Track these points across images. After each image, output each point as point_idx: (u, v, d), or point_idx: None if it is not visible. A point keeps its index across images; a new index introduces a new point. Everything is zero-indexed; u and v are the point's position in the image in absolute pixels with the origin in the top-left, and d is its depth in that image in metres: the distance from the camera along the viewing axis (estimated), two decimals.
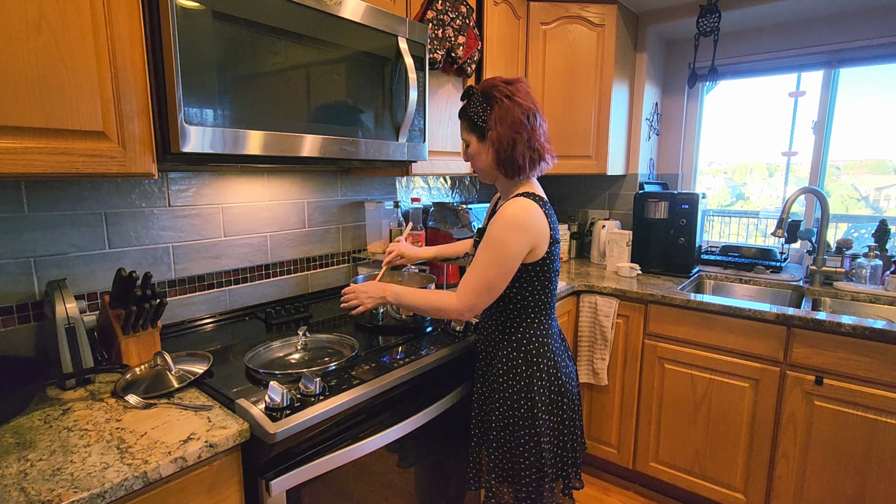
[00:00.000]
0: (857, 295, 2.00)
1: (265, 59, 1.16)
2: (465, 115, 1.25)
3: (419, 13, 1.68)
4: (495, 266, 1.16)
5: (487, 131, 1.21)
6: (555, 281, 1.27)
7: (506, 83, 1.21)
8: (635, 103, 2.57)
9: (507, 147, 1.19)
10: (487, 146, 1.23)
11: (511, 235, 1.15)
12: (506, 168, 1.22)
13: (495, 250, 1.15)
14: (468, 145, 1.27)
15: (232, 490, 0.98)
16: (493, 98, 1.20)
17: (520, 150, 1.20)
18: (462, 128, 1.28)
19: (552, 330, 1.29)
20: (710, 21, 2.24)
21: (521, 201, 1.18)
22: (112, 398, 1.07)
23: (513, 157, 1.20)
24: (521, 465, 1.22)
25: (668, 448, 2.07)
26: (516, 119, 1.19)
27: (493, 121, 1.19)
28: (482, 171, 1.28)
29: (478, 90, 1.23)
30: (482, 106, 1.21)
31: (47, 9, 0.88)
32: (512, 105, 1.19)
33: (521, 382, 1.23)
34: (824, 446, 1.72)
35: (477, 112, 1.22)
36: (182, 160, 1.14)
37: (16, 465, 0.83)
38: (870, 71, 2.27)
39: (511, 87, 1.21)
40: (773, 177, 2.77)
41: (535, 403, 1.22)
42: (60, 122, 0.91)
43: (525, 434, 1.22)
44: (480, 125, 1.22)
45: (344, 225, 1.98)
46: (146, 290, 1.18)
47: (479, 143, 1.24)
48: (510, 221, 1.15)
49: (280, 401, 1.00)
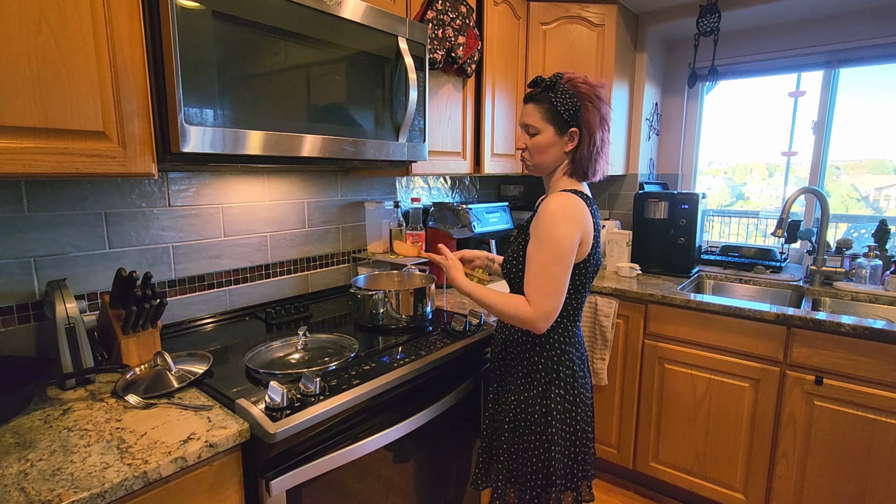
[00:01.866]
0: (857, 295, 2.00)
1: (265, 59, 1.16)
2: (547, 101, 1.16)
3: (419, 13, 1.68)
4: (556, 262, 1.10)
5: (570, 127, 1.16)
6: (588, 286, 1.24)
7: (591, 83, 1.17)
8: (635, 103, 2.57)
9: (595, 150, 1.17)
10: (565, 142, 1.18)
11: (562, 227, 1.10)
12: (579, 168, 1.19)
13: (551, 245, 1.10)
14: (535, 134, 1.19)
15: (232, 490, 0.98)
16: (583, 95, 1.15)
17: (602, 157, 1.19)
18: (535, 115, 1.18)
19: (576, 338, 1.26)
20: (710, 21, 2.24)
21: (564, 195, 1.15)
22: (112, 398, 1.07)
23: (595, 162, 1.18)
24: (529, 469, 1.21)
25: (668, 448, 2.07)
26: (607, 123, 1.18)
27: (588, 118, 1.15)
28: (543, 163, 1.22)
29: (563, 81, 1.17)
30: (571, 99, 1.15)
31: (47, 9, 0.88)
32: (604, 108, 1.17)
33: (538, 388, 1.21)
34: (824, 446, 1.72)
35: (564, 103, 1.15)
36: (182, 160, 1.14)
37: (16, 465, 0.83)
38: (870, 71, 2.27)
39: (599, 90, 1.18)
40: (773, 177, 2.77)
41: (550, 410, 1.20)
42: (60, 122, 0.91)
43: (536, 440, 1.20)
44: (566, 118, 1.15)
45: (344, 225, 1.98)
46: (146, 290, 1.18)
47: (556, 136, 1.17)
48: (558, 213, 1.11)
49: (280, 401, 1.00)
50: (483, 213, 2.18)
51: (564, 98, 1.15)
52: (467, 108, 1.96)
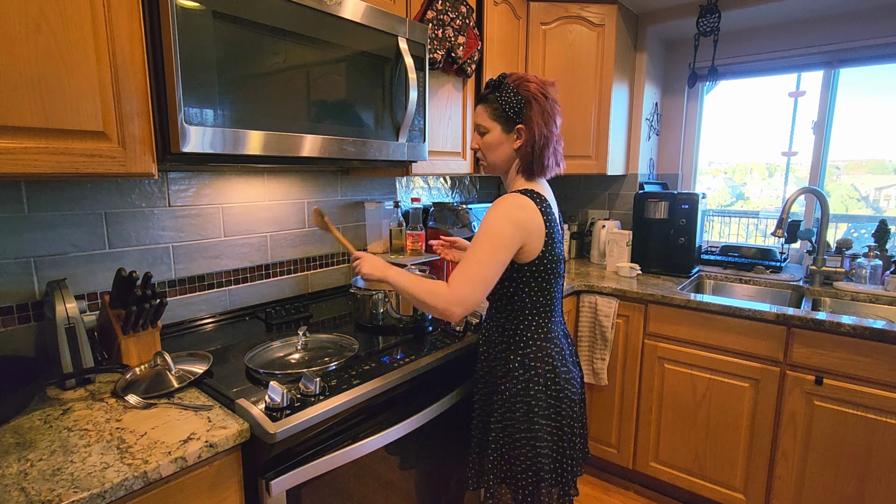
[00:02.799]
0: (856, 295, 2.00)
1: (265, 59, 1.16)
2: (494, 101, 1.20)
3: (419, 13, 1.68)
4: (488, 255, 1.12)
5: (517, 124, 1.19)
6: (556, 284, 1.25)
7: (541, 82, 1.20)
8: (635, 103, 2.57)
9: (540, 145, 1.19)
10: (512, 139, 1.20)
11: (499, 224, 1.13)
12: (528, 165, 1.21)
13: (487, 239, 1.12)
14: (485, 133, 1.23)
15: (232, 490, 0.98)
16: (529, 92, 1.18)
17: (548, 152, 1.20)
18: (483, 115, 1.23)
19: (552, 334, 1.26)
20: (710, 21, 2.24)
21: (515, 196, 1.17)
22: (112, 398, 1.07)
23: (541, 157, 1.20)
24: (518, 467, 1.22)
25: (668, 448, 2.07)
26: (553, 119, 1.20)
27: (531, 115, 1.17)
28: (495, 163, 1.25)
29: (510, 81, 1.20)
30: (517, 97, 1.18)
31: (47, 9, 0.88)
32: (549, 105, 1.19)
33: (518, 386, 1.22)
34: (824, 446, 1.72)
35: (509, 101, 1.18)
36: (182, 160, 1.14)
37: (16, 465, 0.83)
38: (870, 71, 2.27)
39: (548, 88, 1.20)
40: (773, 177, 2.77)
41: (532, 408, 1.21)
42: (60, 122, 0.91)
43: (523, 437, 1.21)
44: (511, 116, 1.19)
45: (344, 225, 1.98)
46: (146, 290, 1.18)
47: (502, 134, 1.21)
48: (499, 211, 1.14)
49: (280, 401, 1.00)
50: (483, 212, 2.18)
51: (509, 97, 1.18)
52: (467, 108, 1.96)
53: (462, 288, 1.11)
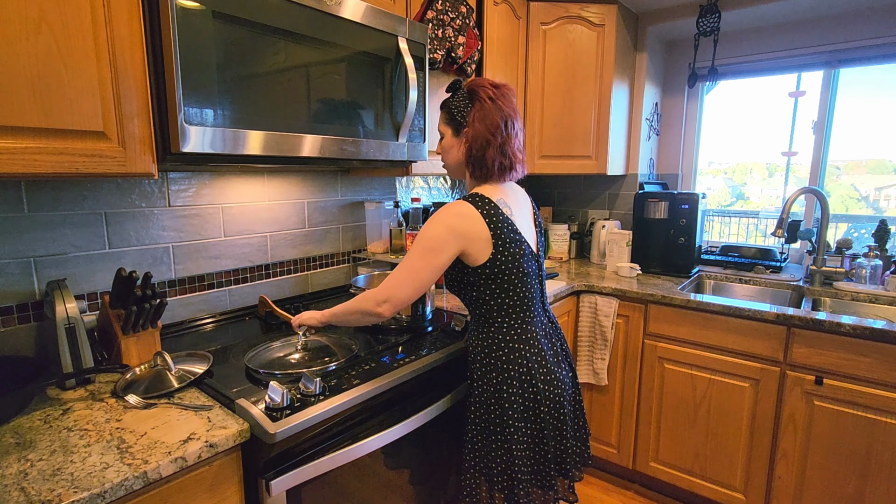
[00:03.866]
0: (857, 295, 2.00)
1: (265, 59, 1.16)
2: (447, 106, 1.25)
3: (419, 13, 1.68)
4: (417, 258, 1.14)
5: (464, 127, 1.21)
6: (524, 285, 1.22)
7: (493, 85, 1.22)
8: (635, 103, 2.57)
9: (479, 147, 1.19)
10: (461, 142, 1.23)
11: (433, 230, 1.14)
12: (473, 168, 1.22)
13: (419, 243, 1.15)
14: (442, 137, 1.28)
15: (232, 490, 0.98)
16: (476, 96, 1.20)
17: (491, 154, 1.19)
18: (440, 119, 1.28)
19: (528, 335, 1.23)
20: (710, 21, 2.24)
21: (457, 203, 1.18)
22: (112, 398, 1.07)
23: (482, 159, 1.20)
24: (493, 469, 1.22)
25: (668, 448, 2.07)
26: (494, 122, 1.19)
27: (471, 118, 1.20)
28: (451, 166, 1.29)
29: (465, 86, 1.24)
30: (465, 101, 1.22)
31: (47, 9, 0.88)
32: (493, 107, 1.19)
33: (492, 388, 1.22)
34: (824, 446, 1.72)
35: (458, 106, 1.22)
36: (182, 160, 1.14)
37: (16, 465, 0.83)
38: (870, 71, 2.27)
39: (496, 91, 1.21)
40: (773, 177, 2.77)
41: (506, 410, 1.19)
42: (60, 122, 0.91)
43: (497, 439, 1.21)
44: (458, 119, 1.22)
45: (344, 225, 1.98)
46: (146, 290, 1.18)
47: (453, 137, 1.25)
48: (437, 219, 1.15)
49: (280, 401, 1.00)
50: None
51: (459, 99, 1.22)
52: None
53: (387, 286, 1.16)
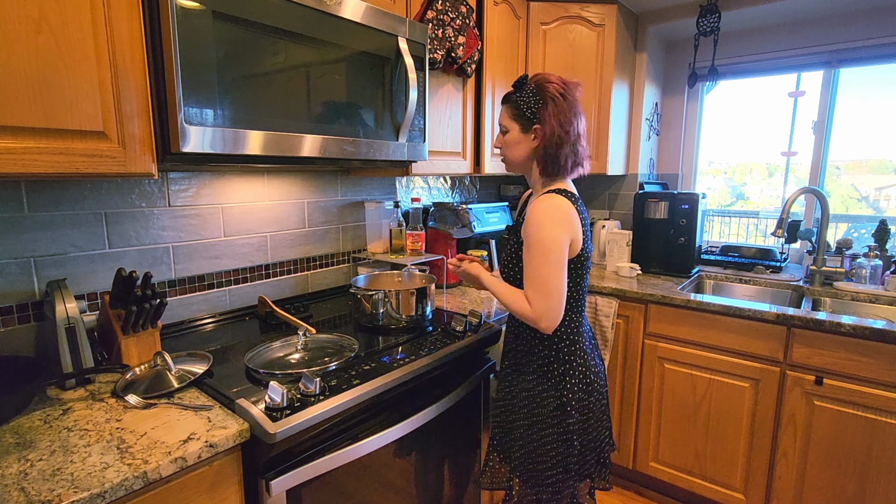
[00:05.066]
0: (857, 295, 2.00)
1: (265, 59, 1.16)
2: (514, 102, 1.25)
3: (419, 13, 1.68)
4: (545, 264, 1.15)
5: (534, 124, 1.22)
6: (586, 279, 1.29)
7: (562, 81, 1.23)
8: (635, 103, 2.57)
9: (554, 145, 1.21)
10: (530, 138, 1.24)
11: (548, 230, 1.16)
12: (545, 164, 1.24)
13: (539, 249, 1.16)
14: (505, 132, 1.28)
15: (232, 490, 0.98)
16: (546, 92, 1.21)
17: (565, 151, 1.22)
18: (504, 114, 1.28)
19: (583, 328, 1.30)
20: (710, 21, 2.24)
21: (550, 197, 1.20)
22: (112, 398, 1.07)
23: (556, 157, 1.22)
24: (546, 464, 1.23)
25: (668, 448, 2.07)
26: (568, 119, 1.22)
27: (545, 115, 1.20)
28: (515, 161, 1.29)
29: (531, 82, 1.24)
30: (534, 97, 1.21)
31: (47, 9, 0.88)
32: (566, 105, 1.21)
33: (552, 380, 1.24)
34: (824, 446, 1.72)
35: (528, 102, 1.22)
36: (182, 160, 1.14)
37: (16, 465, 0.83)
38: (870, 71, 2.27)
39: (566, 87, 1.22)
40: (773, 177, 2.77)
41: (567, 402, 1.23)
42: (60, 122, 0.91)
43: (553, 433, 1.23)
44: (528, 116, 1.22)
45: (344, 225, 1.98)
46: (146, 290, 1.18)
47: (521, 133, 1.25)
48: (544, 217, 1.17)
49: (280, 401, 1.00)
50: (483, 213, 2.18)
51: (528, 97, 1.22)
52: (467, 108, 1.96)
53: (538, 304, 1.16)
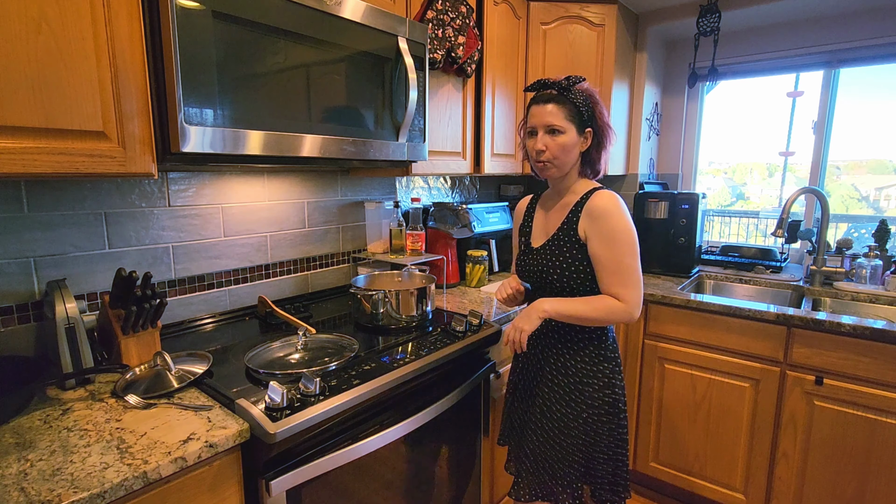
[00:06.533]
0: (857, 295, 2.00)
1: (265, 58, 1.16)
2: (570, 102, 1.21)
3: (419, 13, 1.68)
4: (630, 255, 1.18)
5: (587, 126, 1.23)
6: None
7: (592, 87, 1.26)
8: (635, 103, 2.57)
9: (602, 147, 1.26)
10: (582, 140, 1.24)
11: (625, 221, 1.19)
12: (587, 166, 1.27)
13: (624, 240, 1.17)
14: (559, 133, 1.21)
15: (232, 490, 0.98)
16: (592, 96, 1.23)
17: (605, 155, 1.27)
18: (558, 114, 1.21)
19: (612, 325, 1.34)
20: (710, 21, 2.24)
21: (607, 192, 1.22)
22: (112, 398, 1.07)
23: (598, 159, 1.27)
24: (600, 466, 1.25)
25: (668, 448, 2.07)
26: (608, 122, 1.27)
27: (598, 118, 1.23)
28: (565, 162, 1.25)
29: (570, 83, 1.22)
30: (584, 98, 1.21)
31: (47, 9, 0.88)
32: (605, 107, 1.26)
33: (604, 380, 1.25)
34: (824, 446, 1.72)
35: (584, 104, 1.21)
36: (182, 160, 1.14)
37: (16, 465, 0.83)
38: (870, 71, 2.27)
39: (598, 94, 1.27)
40: (773, 177, 2.77)
41: (617, 400, 1.26)
42: (60, 122, 0.91)
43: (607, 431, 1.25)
44: (586, 118, 1.22)
45: (344, 225, 1.98)
46: (146, 290, 1.18)
47: (577, 135, 1.23)
48: (618, 210, 1.19)
49: (280, 401, 1.00)
50: (483, 213, 2.18)
51: (582, 99, 1.21)
52: (467, 108, 1.96)
53: (632, 295, 1.19)
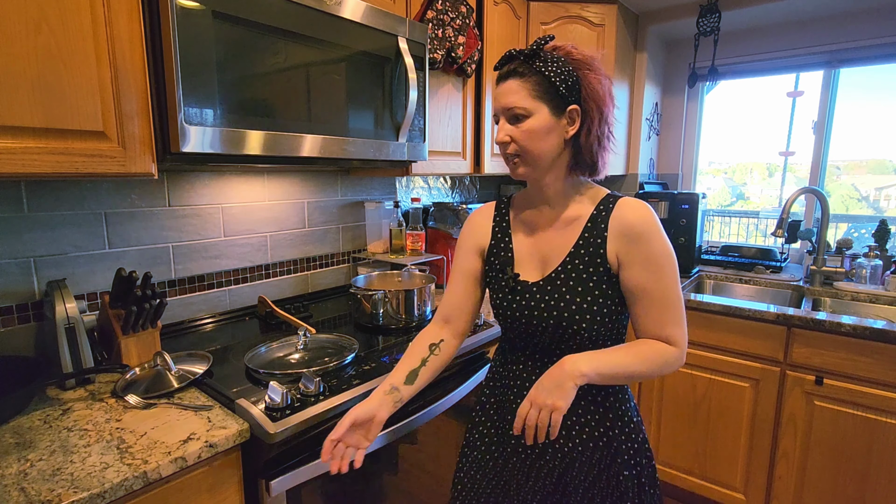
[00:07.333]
0: (857, 295, 2.00)
1: (265, 59, 1.16)
2: (536, 73, 0.85)
3: (419, 13, 1.68)
4: (676, 283, 0.90)
5: (569, 104, 0.86)
6: None
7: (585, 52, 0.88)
8: (635, 103, 2.57)
9: (599, 133, 0.88)
10: (563, 124, 0.87)
11: (666, 240, 0.90)
12: (579, 161, 0.90)
13: (673, 265, 0.89)
14: (524, 117, 0.86)
15: (232, 490, 0.98)
16: (579, 61, 0.86)
17: (608, 142, 0.90)
18: (518, 91, 0.86)
19: None
20: (710, 21, 2.24)
21: (635, 202, 0.90)
22: (112, 398, 1.07)
23: (603, 148, 0.90)
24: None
25: (668, 448, 2.07)
26: (612, 100, 0.90)
27: (590, 89, 0.86)
28: (540, 156, 0.88)
29: (549, 48, 0.88)
30: (566, 68, 0.85)
31: (47, 9, 0.88)
32: (603, 79, 0.88)
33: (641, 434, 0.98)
34: (824, 446, 1.72)
35: (560, 74, 0.84)
36: (182, 160, 1.14)
37: (16, 465, 0.83)
38: (870, 71, 2.27)
39: (597, 61, 0.89)
40: (773, 177, 2.77)
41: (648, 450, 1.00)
42: (60, 122, 0.91)
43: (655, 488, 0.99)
44: (563, 92, 0.85)
45: (344, 225, 1.98)
46: (146, 290, 1.18)
47: (551, 117, 0.86)
48: (659, 224, 0.89)
49: (280, 401, 1.00)
50: None
51: (556, 66, 0.85)
52: (467, 107, 1.96)
53: (681, 336, 0.91)
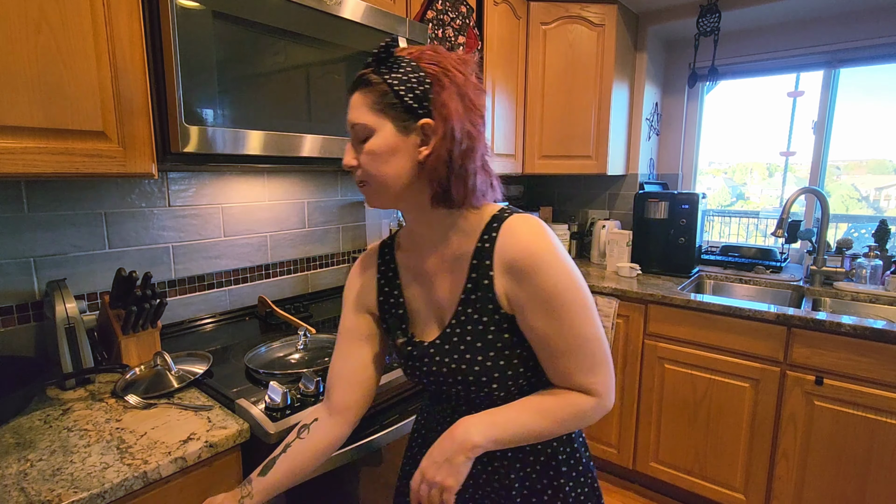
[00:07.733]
0: (857, 295, 2.00)
1: (265, 58, 1.16)
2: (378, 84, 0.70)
3: (419, 13, 1.68)
4: (590, 320, 0.73)
5: (419, 118, 0.69)
6: None
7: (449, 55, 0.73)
8: (635, 103, 2.57)
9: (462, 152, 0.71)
10: (413, 144, 0.71)
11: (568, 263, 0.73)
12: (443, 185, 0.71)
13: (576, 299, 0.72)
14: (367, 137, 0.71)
15: None
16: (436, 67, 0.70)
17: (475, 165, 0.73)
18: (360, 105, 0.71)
19: None
20: (710, 21, 2.24)
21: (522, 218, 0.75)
22: (112, 398, 1.07)
23: (465, 174, 0.72)
24: None
25: (668, 448, 2.07)
26: (480, 112, 0.74)
27: (441, 102, 0.69)
28: (384, 181, 0.72)
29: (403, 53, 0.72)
30: (416, 75, 0.69)
31: (47, 9, 0.88)
32: (470, 88, 0.72)
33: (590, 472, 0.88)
34: (824, 446, 1.72)
35: (407, 82, 0.69)
36: (182, 160, 1.14)
37: (16, 465, 0.83)
38: (870, 71, 2.27)
39: (464, 64, 0.73)
40: (773, 177, 2.77)
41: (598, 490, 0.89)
42: (60, 122, 0.91)
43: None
44: (409, 103, 0.69)
45: (344, 225, 1.98)
46: (146, 290, 1.18)
47: (398, 133, 0.70)
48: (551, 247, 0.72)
49: (280, 401, 1.00)
50: None
51: (405, 74, 0.69)
52: None
53: (603, 382, 0.76)
